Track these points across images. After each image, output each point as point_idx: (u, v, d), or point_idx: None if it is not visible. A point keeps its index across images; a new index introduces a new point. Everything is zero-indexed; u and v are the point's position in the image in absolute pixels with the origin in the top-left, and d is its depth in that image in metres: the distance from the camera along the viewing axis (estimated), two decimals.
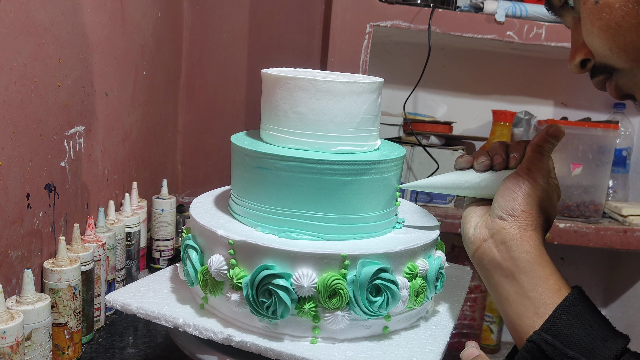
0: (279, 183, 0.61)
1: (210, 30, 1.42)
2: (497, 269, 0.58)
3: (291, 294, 0.56)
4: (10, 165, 0.68)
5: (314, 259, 0.57)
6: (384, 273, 0.58)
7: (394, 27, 1.15)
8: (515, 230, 0.57)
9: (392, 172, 0.64)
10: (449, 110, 1.49)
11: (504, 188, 0.59)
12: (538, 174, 0.59)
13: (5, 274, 0.69)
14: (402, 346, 0.60)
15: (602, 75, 0.52)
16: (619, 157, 1.36)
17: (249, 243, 0.58)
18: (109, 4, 0.94)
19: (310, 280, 0.56)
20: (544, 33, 1.17)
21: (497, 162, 0.63)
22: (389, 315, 0.61)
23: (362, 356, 0.57)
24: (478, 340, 1.42)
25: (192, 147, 1.46)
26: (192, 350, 0.63)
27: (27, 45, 0.70)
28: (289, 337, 0.59)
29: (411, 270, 0.61)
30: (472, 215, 0.63)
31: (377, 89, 0.65)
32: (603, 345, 0.51)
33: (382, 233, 0.65)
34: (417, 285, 0.62)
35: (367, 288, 0.57)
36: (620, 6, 0.47)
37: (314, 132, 0.62)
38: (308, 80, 0.61)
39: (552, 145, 0.60)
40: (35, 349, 0.68)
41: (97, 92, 0.92)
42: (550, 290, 0.55)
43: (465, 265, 1.38)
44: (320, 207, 0.60)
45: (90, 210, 0.91)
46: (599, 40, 0.49)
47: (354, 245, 0.60)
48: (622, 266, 1.51)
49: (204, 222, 0.63)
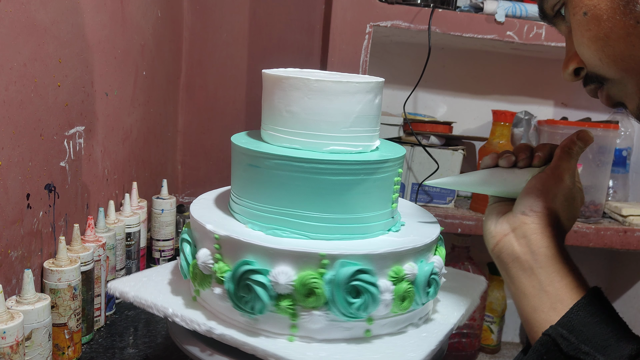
0: (269, 181, 0.61)
1: (210, 30, 1.42)
2: (516, 263, 0.59)
3: (269, 290, 0.57)
4: (10, 165, 0.68)
5: (293, 257, 0.57)
6: (364, 274, 0.57)
7: (394, 27, 1.15)
8: (536, 225, 0.58)
9: (384, 173, 0.63)
10: (449, 110, 1.49)
11: (530, 186, 0.60)
12: (565, 174, 0.60)
13: (5, 274, 0.69)
14: (381, 351, 0.59)
15: (594, 84, 0.53)
16: (619, 157, 1.36)
17: (232, 238, 0.59)
18: (109, 4, 0.94)
19: (288, 278, 0.56)
20: (544, 33, 1.17)
21: (522, 158, 0.64)
22: (372, 318, 0.60)
23: (335, 357, 0.56)
24: (478, 340, 1.42)
25: (192, 147, 1.46)
26: (192, 350, 0.63)
27: (27, 45, 0.70)
28: (268, 334, 0.59)
29: (396, 273, 0.60)
30: (494, 212, 0.64)
31: (374, 89, 0.64)
32: (617, 345, 0.51)
33: (375, 235, 0.64)
34: (402, 289, 0.60)
35: (346, 289, 0.56)
36: (608, 17, 0.47)
37: (306, 132, 0.63)
38: (301, 79, 0.62)
39: (580, 148, 0.61)
40: (35, 349, 0.68)
41: (97, 92, 0.92)
42: (568, 286, 0.55)
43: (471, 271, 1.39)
44: (308, 206, 0.61)
45: (90, 210, 0.91)
46: (589, 50, 0.50)
47: (337, 245, 0.59)
48: (622, 266, 1.51)
49: (198, 216, 0.65)
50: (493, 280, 1.43)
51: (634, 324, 1.42)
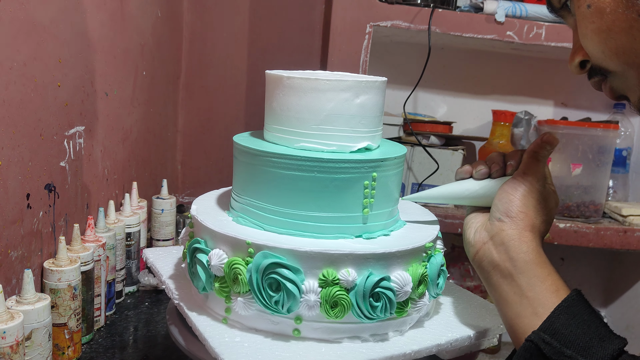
0: (242, 172, 0.66)
1: (210, 30, 1.42)
2: (496, 270, 0.59)
3: (206, 270, 0.61)
4: (10, 165, 0.68)
5: (228, 242, 0.60)
6: (282, 269, 0.56)
7: (394, 27, 1.15)
8: (513, 230, 0.59)
9: (343, 174, 0.60)
10: (449, 110, 1.49)
11: (501, 191, 0.61)
12: (534, 178, 0.61)
13: (5, 274, 0.69)
14: (298, 351, 0.57)
15: (598, 76, 0.54)
16: (619, 157, 1.36)
17: (195, 218, 0.65)
18: (109, 3, 0.94)
19: (219, 259, 0.60)
20: (544, 33, 1.17)
21: (495, 169, 0.65)
22: (300, 318, 0.58)
23: (244, 345, 0.57)
24: None
25: (192, 147, 1.46)
26: (192, 350, 0.63)
27: (27, 44, 0.70)
28: (210, 312, 0.63)
29: (325, 276, 0.57)
30: (473, 221, 0.64)
31: (351, 88, 0.62)
32: (600, 345, 0.51)
33: (335, 237, 0.62)
34: (332, 294, 0.57)
35: (266, 280, 0.57)
36: (611, 10, 0.48)
37: (281, 127, 0.64)
38: (278, 76, 0.64)
39: (547, 151, 0.62)
40: (35, 349, 0.68)
41: (97, 92, 0.92)
42: (548, 290, 0.56)
43: (471, 271, 1.39)
44: (266, 198, 0.63)
45: (90, 210, 0.91)
46: (592, 43, 0.51)
47: (271, 237, 0.60)
48: (622, 266, 1.51)
49: (196, 204, 0.70)
50: None
51: (634, 324, 1.42)
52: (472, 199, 0.66)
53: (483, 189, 0.65)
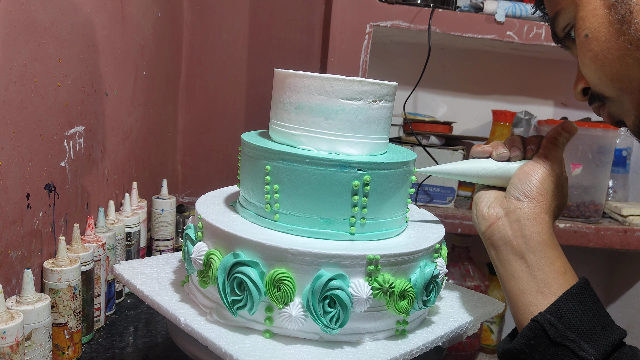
0: (243, 166, 0.67)
1: (210, 30, 1.42)
2: (508, 246, 0.61)
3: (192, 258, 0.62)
4: (10, 165, 0.68)
5: (215, 235, 0.61)
6: (244, 267, 0.56)
7: (394, 27, 1.15)
8: (530, 210, 0.60)
9: (331, 175, 0.59)
10: (449, 110, 1.49)
11: (521, 172, 0.63)
12: (554, 162, 0.63)
13: (5, 274, 0.69)
14: (243, 345, 0.56)
15: (597, 102, 0.56)
16: (618, 157, 1.36)
17: (196, 209, 0.66)
18: (109, 4, 0.94)
19: (199, 251, 0.61)
20: (544, 33, 1.17)
21: (515, 154, 0.66)
22: (271, 318, 0.57)
23: (214, 336, 0.57)
24: (478, 340, 1.42)
25: (192, 147, 1.46)
26: (191, 350, 0.63)
27: (27, 45, 0.70)
28: (197, 294, 0.64)
29: (272, 276, 0.56)
30: (486, 196, 0.66)
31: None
32: (602, 333, 0.54)
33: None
34: (276, 290, 0.56)
35: (228, 276, 0.56)
36: (605, 39, 0.51)
37: (285, 124, 0.65)
38: (279, 72, 0.65)
39: (565, 139, 0.64)
40: (35, 349, 0.68)
41: (97, 92, 0.92)
42: (556, 272, 0.58)
43: (470, 271, 1.39)
44: (254, 193, 0.64)
45: (90, 210, 0.91)
46: (589, 70, 0.54)
47: (254, 232, 0.59)
48: (622, 266, 1.51)
49: (200, 199, 0.71)
50: (492, 281, 1.43)
51: (634, 324, 1.42)
52: (488, 179, 0.67)
53: (501, 169, 0.66)
